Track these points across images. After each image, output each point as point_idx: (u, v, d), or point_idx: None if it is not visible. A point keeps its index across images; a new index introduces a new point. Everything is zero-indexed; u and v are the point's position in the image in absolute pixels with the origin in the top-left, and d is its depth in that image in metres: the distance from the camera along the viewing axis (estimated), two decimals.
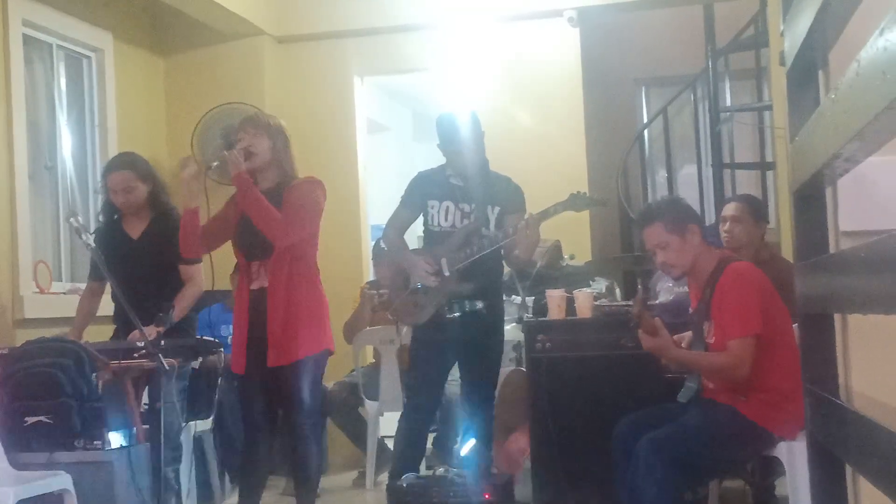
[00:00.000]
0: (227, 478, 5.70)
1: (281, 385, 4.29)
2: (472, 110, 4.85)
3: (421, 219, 4.85)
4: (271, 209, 4.23)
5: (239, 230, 4.36)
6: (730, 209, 5.06)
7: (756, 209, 5.04)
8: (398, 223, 4.87)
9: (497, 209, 4.71)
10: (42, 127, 6.11)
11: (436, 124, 4.80)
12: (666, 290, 4.93)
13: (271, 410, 4.42)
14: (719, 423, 3.75)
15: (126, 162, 4.93)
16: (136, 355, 4.31)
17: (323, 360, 4.43)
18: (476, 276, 4.63)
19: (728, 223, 4.97)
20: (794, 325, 3.51)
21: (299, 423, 4.32)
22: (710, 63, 7.33)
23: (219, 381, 5.24)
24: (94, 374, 4.38)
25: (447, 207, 4.72)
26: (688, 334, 4.04)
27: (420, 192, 4.80)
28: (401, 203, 4.87)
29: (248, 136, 4.35)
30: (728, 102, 7.78)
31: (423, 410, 4.80)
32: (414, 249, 4.93)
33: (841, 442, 1.81)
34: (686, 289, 4.38)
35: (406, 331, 5.03)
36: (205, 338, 4.85)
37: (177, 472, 4.70)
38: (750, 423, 3.73)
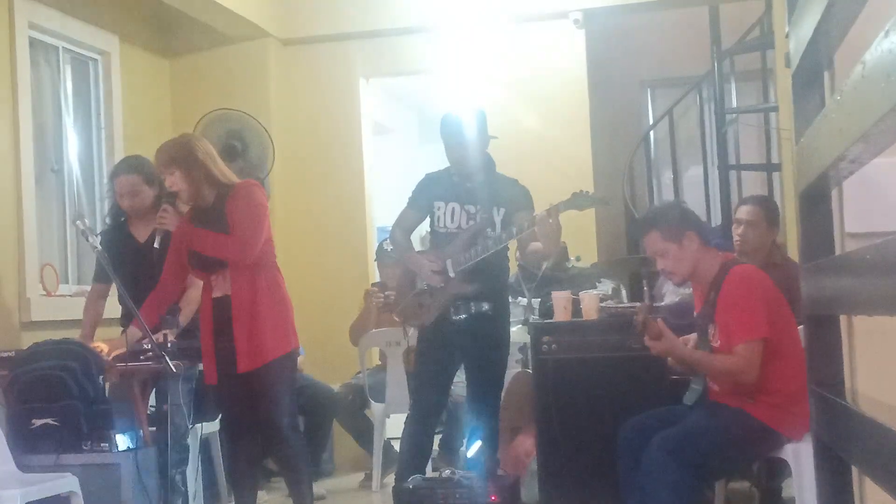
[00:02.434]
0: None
1: (254, 389, 4.30)
2: (479, 109, 4.83)
3: (427, 220, 4.86)
4: (220, 239, 4.26)
5: (190, 254, 4.37)
6: (745, 213, 4.94)
7: (771, 214, 4.94)
8: (405, 224, 4.87)
9: (503, 210, 4.71)
10: (48, 130, 6.12)
11: (440, 125, 4.81)
12: (672, 293, 4.94)
13: (251, 414, 4.42)
14: (728, 424, 3.74)
15: (133, 165, 4.94)
16: (142, 358, 4.32)
17: (292, 359, 4.43)
18: (481, 278, 4.63)
19: (742, 227, 4.89)
20: (800, 327, 3.51)
21: (277, 425, 4.33)
22: (715, 64, 7.33)
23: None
24: (100, 377, 4.39)
25: (453, 209, 4.73)
26: (693, 336, 4.04)
27: (427, 194, 4.80)
28: (407, 204, 4.87)
29: (165, 177, 4.36)
30: (734, 104, 7.78)
31: (429, 412, 4.80)
32: (419, 251, 4.94)
33: (846, 444, 1.81)
34: (692, 291, 4.38)
35: (413, 332, 5.03)
36: None
37: (183, 474, 4.71)
38: (758, 423, 3.73)
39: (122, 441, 4.25)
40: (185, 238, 4.32)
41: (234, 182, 4.38)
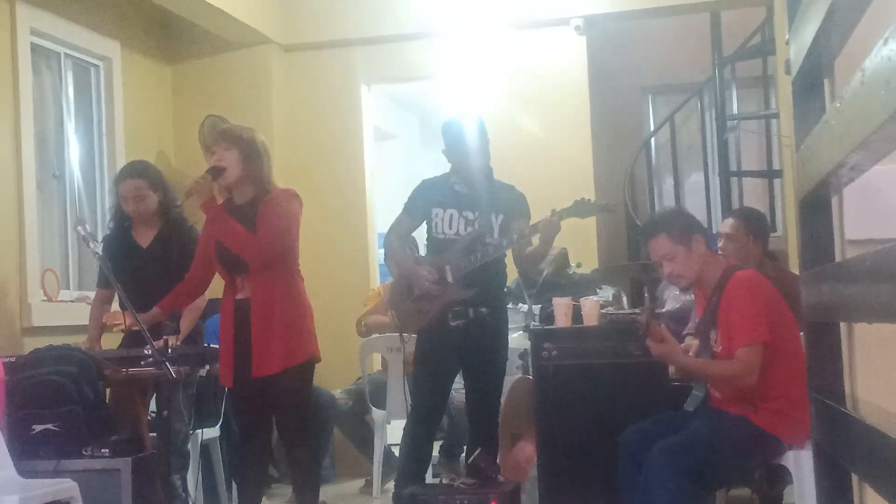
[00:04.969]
0: (233, 485, 5.70)
1: (269, 394, 4.30)
2: (478, 117, 4.85)
3: (424, 226, 4.85)
4: (241, 232, 4.23)
5: (218, 248, 4.36)
6: (725, 225, 4.92)
7: (752, 224, 4.86)
8: (401, 230, 4.87)
9: (501, 216, 4.71)
10: (50, 135, 6.13)
11: (441, 130, 4.81)
12: (673, 299, 4.93)
13: (264, 419, 4.42)
14: (729, 431, 3.74)
15: (138, 170, 4.95)
16: (143, 363, 4.32)
17: (309, 368, 4.42)
18: (479, 284, 4.63)
19: (723, 240, 4.84)
20: (802, 334, 3.50)
21: (291, 432, 4.33)
22: (716, 71, 7.33)
23: (226, 389, 5.24)
24: (101, 382, 4.39)
25: (451, 215, 4.72)
26: (695, 343, 4.04)
27: (424, 200, 4.80)
28: (404, 210, 4.87)
29: (219, 150, 4.34)
30: (735, 110, 7.79)
31: (428, 418, 4.79)
32: (417, 257, 4.94)
33: (847, 450, 1.81)
34: (692, 297, 4.38)
35: (410, 338, 5.02)
36: (212, 346, 4.86)
37: (184, 479, 4.71)
38: (759, 430, 3.72)
39: (123, 447, 4.24)
40: (215, 226, 4.31)
41: (274, 188, 4.39)
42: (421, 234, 5.04)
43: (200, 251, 4.47)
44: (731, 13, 7.29)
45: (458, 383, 5.05)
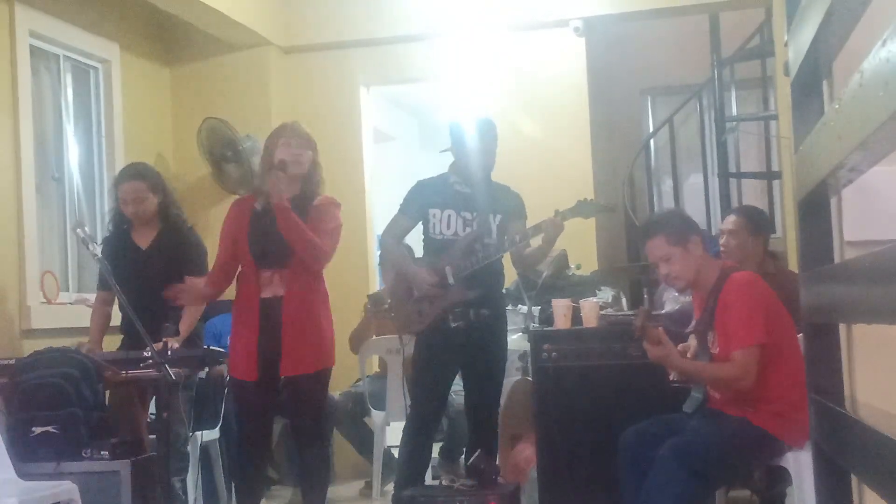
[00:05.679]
0: (233, 487, 5.70)
1: (290, 395, 4.30)
2: (489, 118, 4.85)
3: (420, 227, 4.85)
4: (309, 234, 4.26)
5: (253, 237, 4.35)
6: (727, 223, 4.99)
7: (754, 222, 4.94)
8: (397, 231, 4.87)
9: (499, 217, 4.71)
10: (49, 138, 6.12)
11: (450, 127, 4.81)
12: (672, 300, 4.93)
13: (271, 421, 4.43)
14: (731, 432, 3.74)
15: (138, 172, 4.96)
16: (142, 365, 4.32)
17: (330, 371, 4.45)
18: (479, 285, 4.63)
19: (725, 237, 4.90)
20: (800, 335, 3.50)
21: (308, 433, 4.32)
22: (715, 72, 7.33)
23: (225, 391, 5.25)
24: (100, 384, 4.39)
25: (449, 216, 4.72)
26: (693, 344, 4.04)
27: (420, 201, 4.80)
28: (400, 211, 4.86)
29: (297, 147, 4.38)
30: (734, 112, 7.78)
31: (427, 420, 4.79)
32: (415, 259, 4.94)
33: (846, 452, 1.81)
34: (691, 299, 4.38)
35: (409, 340, 5.02)
36: (211, 348, 4.87)
37: (183, 481, 4.72)
38: (759, 431, 3.73)
39: (122, 449, 4.24)
40: (279, 218, 4.26)
41: (318, 194, 4.46)
42: (414, 237, 5.04)
43: (227, 243, 4.46)
44: (730, 15, 7.29)
45: (458, 385, 5.05)
